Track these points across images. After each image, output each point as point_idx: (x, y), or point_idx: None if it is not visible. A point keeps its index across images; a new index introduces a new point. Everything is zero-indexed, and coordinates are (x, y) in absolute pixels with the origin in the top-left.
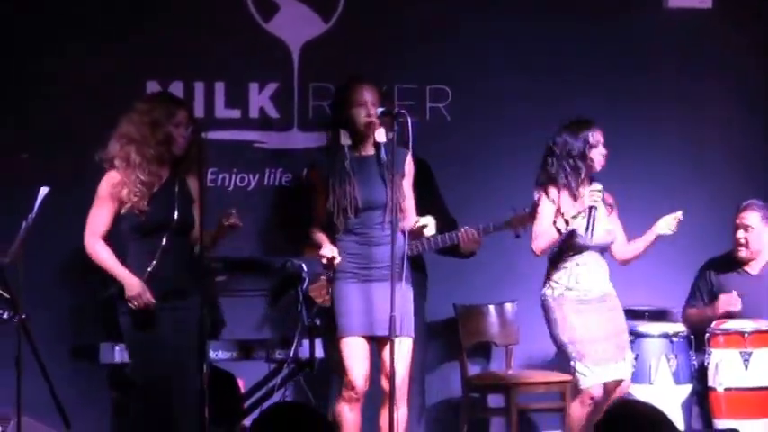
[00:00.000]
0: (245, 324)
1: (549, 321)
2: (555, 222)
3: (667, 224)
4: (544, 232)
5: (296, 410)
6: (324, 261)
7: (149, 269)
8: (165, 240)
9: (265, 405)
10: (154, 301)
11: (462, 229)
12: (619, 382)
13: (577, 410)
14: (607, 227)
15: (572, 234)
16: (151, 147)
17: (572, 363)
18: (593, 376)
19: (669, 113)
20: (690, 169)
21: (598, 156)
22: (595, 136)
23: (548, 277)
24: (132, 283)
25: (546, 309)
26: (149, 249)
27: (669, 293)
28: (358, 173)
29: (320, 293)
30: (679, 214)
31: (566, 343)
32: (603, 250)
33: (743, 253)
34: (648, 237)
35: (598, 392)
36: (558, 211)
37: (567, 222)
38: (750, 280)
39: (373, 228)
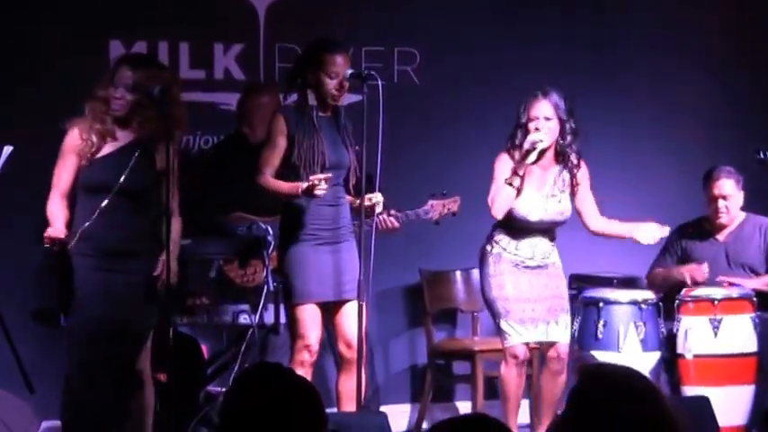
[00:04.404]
0: (209, 288)
1: (482, 276)
2: (506, 180)
3: (649, 235)
4: (497, 191)
5: (280, 373)
6: (313, 183)
7: (84, 226)
8: (105, 201)
9: (231, 371)
10: (62, 237)
11: (382, 217)
12: (552, 345)
13: (503, 370)
14: (560, 208)
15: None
16: (95, 104)
17: (498, 321)
18: (515, 335)
19: (639, 85)
20: (659, 139)
21: (533, 128)
22: (533, 109)
23: (491, 236)
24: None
25: (482, 263)
26: (91, 208)
27: (638, 261)
28: (324, 132)
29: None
30: (666, 230)
31: (494, 299)
32: (552, 229)
33: (724, 219)
34: (625, 233)
35: (520, 351)
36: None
37: (518, 174)
38: (717, 246)
39: (332, 188)
